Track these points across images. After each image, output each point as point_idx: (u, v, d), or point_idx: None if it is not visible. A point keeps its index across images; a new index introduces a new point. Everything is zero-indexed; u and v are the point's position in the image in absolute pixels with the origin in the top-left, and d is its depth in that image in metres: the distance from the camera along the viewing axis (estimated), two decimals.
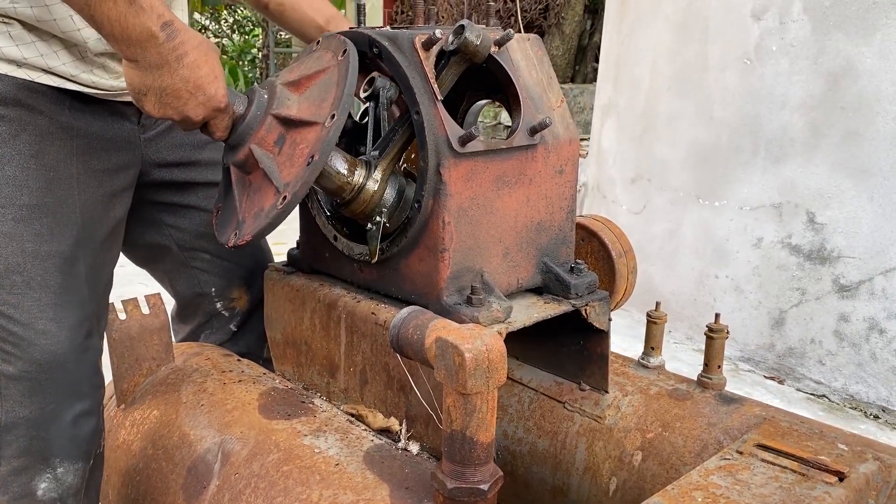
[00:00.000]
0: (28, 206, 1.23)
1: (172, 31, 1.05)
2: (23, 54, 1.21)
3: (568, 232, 1.35)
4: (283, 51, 11.49)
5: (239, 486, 1.13)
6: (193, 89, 1.08)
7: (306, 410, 1.27)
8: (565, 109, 1.32)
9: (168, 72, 1.06)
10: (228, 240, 1.19)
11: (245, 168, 1.18)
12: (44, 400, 1.24)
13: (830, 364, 3.00)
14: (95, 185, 1.33)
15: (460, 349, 0.88)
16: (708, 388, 1.38)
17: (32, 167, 1.23)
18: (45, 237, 1.24)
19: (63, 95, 1.28)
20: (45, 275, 1.23)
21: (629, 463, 1.31)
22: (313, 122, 1.11)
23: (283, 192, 1.10)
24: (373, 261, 1.23)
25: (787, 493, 1.00)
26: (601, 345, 1.37)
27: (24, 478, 1.25)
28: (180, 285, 1.62)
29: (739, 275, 3.24)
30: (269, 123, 1.15)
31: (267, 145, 1.15)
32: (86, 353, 1.29)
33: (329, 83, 1.13)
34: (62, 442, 1.26)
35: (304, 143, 1.11)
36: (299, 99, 1.16)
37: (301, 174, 1.08)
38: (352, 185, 1.20)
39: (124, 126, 1.39)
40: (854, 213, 2.88)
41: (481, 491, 0.93)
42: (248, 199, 1.18)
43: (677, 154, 3.52)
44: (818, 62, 2.92)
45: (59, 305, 1.24)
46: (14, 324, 1.21)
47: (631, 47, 3.94)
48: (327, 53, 1.19)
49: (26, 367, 1.22)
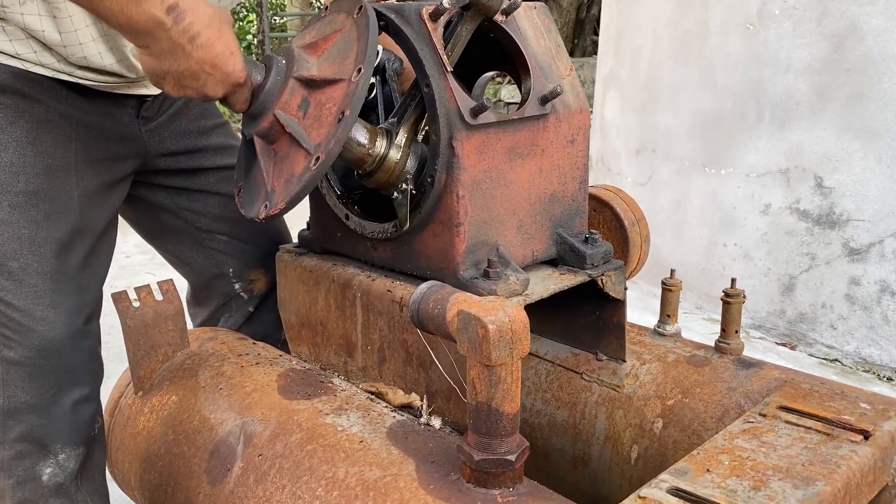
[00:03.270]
0: (25, 192, 1.22)
1: (179, 12, 1.01)
2: (16, 49, 1.20)
3: (581, 202, 1.34)
4: (279, 35, 11.41)
5: (263, 466, 1.13)
6: (210, 69, 1.05)
7: (326, 390, 1.27)
8: (574, 78, 1.30)
9: (182, 55, 1.03)
10: (259, 212, 1.14)
11: (269, 137, 1.14)
12: (43, 385, 1.25)
13: (842, 328, 3.00)
14: (93, 173, 1.32)
15: (483, 321, 0.88)
16: (726, 354, 1.37)
17: (29, 154, 1.23)
18: (42, 224, 1.24)
19: (59, 85, 1.27)
20: (41, 261, 1.23)
21: (650, 430, 1.31)
22: (338, 80, 1.08)
23: (316, 154, 1.06)
24: (405, 227, 1.20)
25: (813, 453, 1.00)
26: (617, 314, 1.37)
27: (28, 462, 1.26)
28: (198, 266, 1.62)
29: (748, 242, 3.23)
30: (292, 87, 1.11)
31: (291, 110, 1.11)
32: (84, 340, 1.29)
33: (348, 40, 1.10)
34: (62, 428, 1.27)
35: (331, 101, 1.07)
36: (318, 60, 1.13)
37: (332, 132, 1.04)
38: (374, 155, 1.18)
39: (123, 117, 1.38)
40: (862, 176, 2.86)
41: (509, 462, 0.93)
42: (275, 167, 1.14)
43: (681, 123, 3.50)
44: (822, 24, 2.89)
45: (56, 292, 1.24)
46: (13, 310, 1.22)
47: (631, 17, 3.90)
48: (340, 15, 1.16)
49: (26, 352, 1.23)
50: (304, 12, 11.88)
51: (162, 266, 3.58)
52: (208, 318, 1.68)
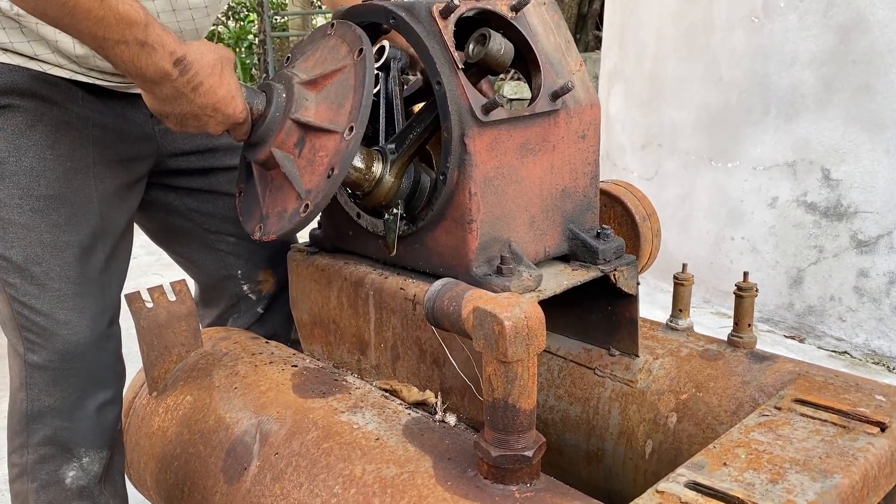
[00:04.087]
0: (45, 196, 1.23)
1: (185, 65, 1.05)
2: (34, 51, 1.21)
3: (592, 197, 1.34)
4: (280, 35, 11.40)
5: (280, 465, 1.14)
6: (212, 112, 1.10)
7: (340, 388, 1.27)
8: (584, 73, 1.30)
9: (185, 101, 1.08)
10: (253, 232, 1.21)
11: (266, 165, 1.20)
12: (67, 389, 1.25)
13: (851, 320, 2.99)
14: (111, 175, 1.33)
15: (499, 318, 0.88)
16: (739, 347, 1.37)
17: (49, 158, 1.23)
18: (63, 227, 1.24)
19: (75, 87, 1.27)
20: (63, 265, 1.24)
21: (664, 425, 1.31)
22: (332, 132, 1.12)
23: (305, 200, 1.12)
24: (392, 254, 1.24)
25: (830, 445, 1.00)
26: (630, 309, 1.37)
27: (52, 466, 1.27)
28: (207, 268, 1.62)
29: (755, 235, 3.23)
30: (289, 127, 1.16)
31: (287, 147, 1.17)
32: (107, 342, 1.30)
33: (346, 86, 1.14)
34: (86, 431, 1.28)
35: (323, 150, 1.12)
36: (316, 98, 1.17)
37: (322, 185, 1.10)
38: (370, 179, 1.21)
39: (137, 117, 1.39)
40: (870, 168, 2.85)
41: (526, 458, 0.94)
42: (270, 194, 1.20)
43: (687, 117, 3.49)
44: (827, 16, 2.88)
45: (78, 296, 1.25)
46: (36, 314, 1.22)
47: (635, 11, 3.89)
48: (342, 46, 1.18)
49: (49, 356, 1.23)
50: (306, 11, 11.88)
51: (168, 267, 3.60)
52: (217, 319, 1.68)
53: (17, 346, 1.26)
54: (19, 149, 1.21)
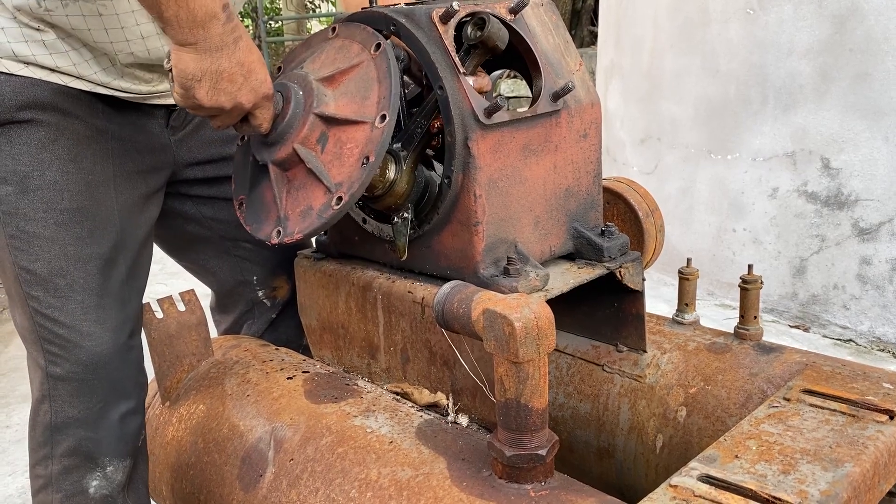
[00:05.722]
0: (69, 209, 1.25)
1: (230, 13, 1.06)
2: (56, 63, 1.22)
3: (596, 196, 1.35)
4: (275, 40, 11.42)
5: (296, 471, 1.15)
6: (247, 73, 1.09)
7: (352, 392, 1.28)
8: (584, 72, 1.31)
9: (227, 54, 1.07)
10: (271, 237, 1.18)
11: (284, 165, 1.18)
12: (91, 400, 1.26)
13: (855, 308, 3.00)
14: (131, 187, 1.34)
15: (509, 319, 0.89)
16: (746, 340, 1.38)
17: (72, 171, 1.25)
18: (86, 240, 1.26)
19: (95, 100, 1.29)
20: (86, 277, 1.25)
21: (674, 419, 1.32)
22: (360, 122, 1.11)
23: (337, 192, 1.10)
24: (402, 258, 1.24)
25: (839, 434, 1.01)
26: (636, 305, 1.38)
27: (76, 476, 1.28)
28: (223, 274, 1.63)
29: (757, 226, 3.24)
30: (312, 122, 1.14)
31: (310, 144, 1.15)
32: (129, 353, 1.31)
33: (367, 79, 1.13)
34: (110, 441, 1.29)
35: (352, 142, 1.11)
36: (335, 94, 1.16)
37: (357, 175, 1.08)
38: (384, 181, 1.20)
39: (155, 128, 1.40)
40: (869, 156, 2.86)
41: (540, 456, 0.95)
42: (289, 195, 1.18)
43: (686, 111, 3.50)
44: (823, 5, 2.89)
45: (101, 307, 1.26)
46: (59, 326, 1.23)
47: (630, 6, 3.90)
48: (353, 45, 1.18)
49: (73, 368, 1.24)
50: (300, 15, 11.89)
51: (173, 276, 3.60)
52: (232, 325, 1.69)
53: (39, 358, 1.27)
54: (42, 163, 1.22)
